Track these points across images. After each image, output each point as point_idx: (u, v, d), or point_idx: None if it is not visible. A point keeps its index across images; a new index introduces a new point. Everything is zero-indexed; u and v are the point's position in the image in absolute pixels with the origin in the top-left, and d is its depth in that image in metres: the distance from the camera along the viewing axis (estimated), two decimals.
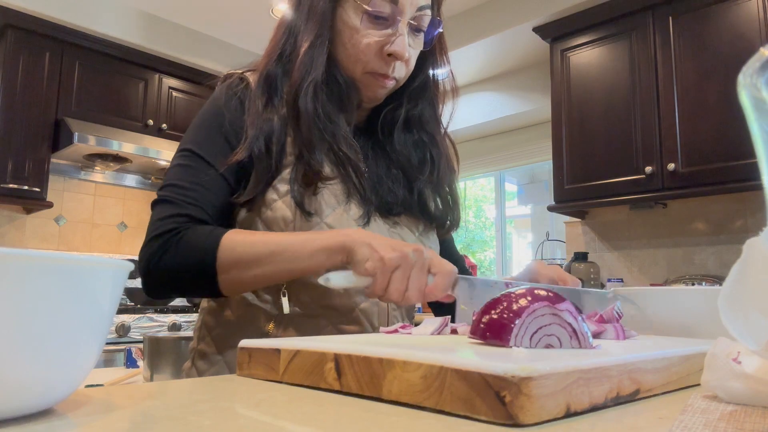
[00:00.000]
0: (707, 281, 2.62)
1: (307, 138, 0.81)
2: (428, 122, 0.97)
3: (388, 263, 0.66)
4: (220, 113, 0.84)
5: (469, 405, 0.34)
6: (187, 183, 0.79)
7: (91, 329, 0.35)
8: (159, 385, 0.48)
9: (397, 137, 0.94)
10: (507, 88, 3.67)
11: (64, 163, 3.32)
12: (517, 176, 4.02)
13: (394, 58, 0.85)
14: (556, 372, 0.34)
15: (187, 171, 0.80)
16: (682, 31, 2.53)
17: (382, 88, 0.88)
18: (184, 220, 0.76)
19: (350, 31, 0.85)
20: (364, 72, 0.86)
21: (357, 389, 0.42)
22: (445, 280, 0.68)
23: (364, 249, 0.68)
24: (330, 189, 0.82)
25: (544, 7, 2.96)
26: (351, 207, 0.83)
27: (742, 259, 0.37)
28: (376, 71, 0.86)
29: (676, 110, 2.50)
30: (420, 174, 0.93)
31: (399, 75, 0.88)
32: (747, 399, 0.37)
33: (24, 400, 0.32)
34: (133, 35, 3.38)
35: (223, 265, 0.73)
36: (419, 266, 0.68)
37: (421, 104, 0.96)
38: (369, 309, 0.83)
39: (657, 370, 0.43)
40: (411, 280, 0.67)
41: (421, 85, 0.96)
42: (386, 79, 0.87)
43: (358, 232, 0.71)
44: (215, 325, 0.87)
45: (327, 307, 0.81)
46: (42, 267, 0.31)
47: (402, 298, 0.67)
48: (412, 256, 0.67)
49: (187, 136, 0.84)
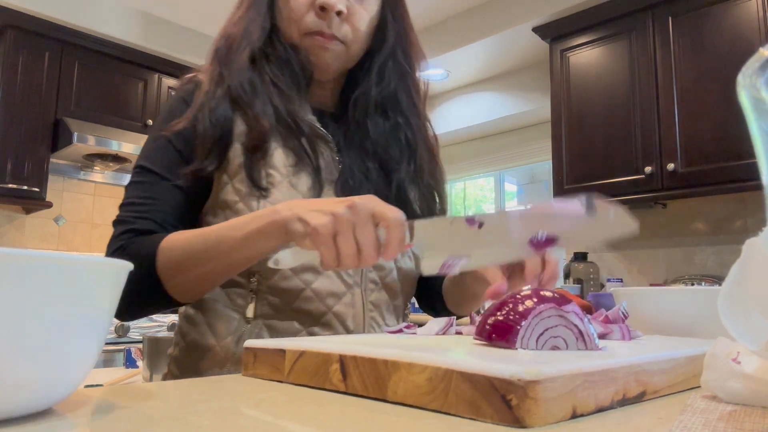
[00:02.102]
0: (707, 281, 2.62)
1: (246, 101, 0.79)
2: (403, 104, 0.90)
3: (324, 231, 0.59)
4: (166, 119, 0.82)
5: (474, 408, 0.34)
6: (138, 199, 0.78)
7: (91, 329, 0.35)
8: (159, 385, 0.48)
9: (371, 123, 0.88)
10: (507, 88, 3.67)
11: (64, 163, 3.32)
12: (517, 176, 4.02)
13: (327, 12, 0.81)
14: (563, 375, 0.34)
15: (138, 187, 0.79)
16: (682, 31, 2.53)
17: (324, 49, 0.83)
18: (130, 235, 0.75)
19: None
20: (301, 34, 0.83)
21: (362, 391, 0.41)
22: (395, 232, 0.59)
23: (296, 225, 0.61)
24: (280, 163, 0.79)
25: (544, 7, 2.96)
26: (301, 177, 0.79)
27: (741, 259, 0.37)
28: (311, 29, 0.82)
29: (675, 110, 2.50)
30: (397, 165, 0.87)
31: (341, 33, 0.83)
32: (746, 399, 0.37)
33: (24, 400, 0.32)
34: (132, 35, 3.37)
35: (164, 270, 0.71)
36: (361, 222, 0.59)
37: (393, 81, 0.89)
38: (343, 312, 0.79)
39: (663, 372, 0.43)
40: (358, 239, 0.59)
41: (389, 56, 0.89)
42: (325, 38, 0.82)
43: (285, 204, 0.65)
44: (189, 331, 0.83)
45: (299, 311, 0.78)
46: (42, 267, 0.31)
47: (358, 261, 0.60)
48: (346, 213, 0.59)
49: (141, 152, 0.83)
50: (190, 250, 0.70)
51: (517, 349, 0.44)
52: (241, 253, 0.68)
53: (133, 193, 0.79)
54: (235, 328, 0.78)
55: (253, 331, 0.78)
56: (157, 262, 0.70)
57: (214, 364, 0.78)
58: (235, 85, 0.81)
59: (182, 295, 0.74)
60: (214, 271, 0.71)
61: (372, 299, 0.83)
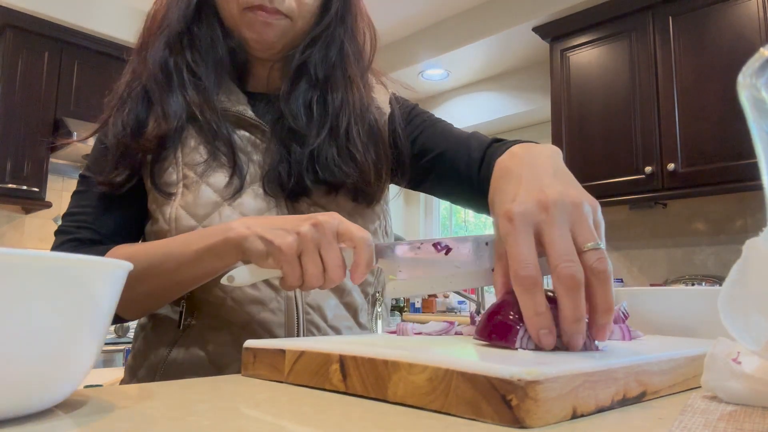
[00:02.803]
0: (707, 281, 2.62)
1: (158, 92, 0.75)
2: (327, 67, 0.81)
3: (288, 251, 0.56)
4: (105, 129, 0.79)
5: (474, 408, 0.34)
6: (78, 208, 0.76)
7: (91, 329, 0.35)
8: (158, 385, 0.48)
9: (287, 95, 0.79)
10: (507, 88, 3.67)
11: (63, 162, 3.32)
12: None
13: None
14: (563, 375, 0.34)
15: (77, 197, 0.77)
16: (682, 31, 2.53)
17: (267, 25, 0.75)
18: (71, 245, 0.72)
19: None
20: (240, 8, 0.75)
21: (362, 391, 0.41)
22: (363, 252, 0.57)
23: (256, 243, 0.58)
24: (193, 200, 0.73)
25: (543, 7, 2.96)
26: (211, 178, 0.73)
27: (742, 259, 0.37)
28: (251, 3, 0.74)
29: (675, 110, 2.51)
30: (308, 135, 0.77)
31: (286, 7, 0.75)
32: (747, 399, 0.37)
33: (23, 400, 0.32)
34: (132, 35, 3.37)
35: None
36: (326, 241, 0.57)
37: (317, 49, 0.81)
38: (269, 320, 0.73)
39: (663, 372, 0.43)
40: (324, 258, 0.57)
41: (321, 30, 0.81)
42: (266, 12, 0.75)
43: (239, 221, 0.62)
44: (137, 338, 0.82)
45: (226, 321, 0.73)
46: (41, 267, 0.31)
47: (323, 280, 0.58)
48: (311, 232, 0.57)
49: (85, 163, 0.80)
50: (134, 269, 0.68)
51: (517, 349, 0.44)
52: (189, 271, 0.64)
53: (74, 203, 0.77)
54: (171, 339, 0.76)
55: (185, 341, 0.75)
56: None
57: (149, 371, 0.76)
58: (147, 78, 0.76)
59: (126, 312, 0.70)
60: (161, 289, 0.67)
61: (309, 301, 0.76)
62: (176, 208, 0.72)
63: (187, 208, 0.72)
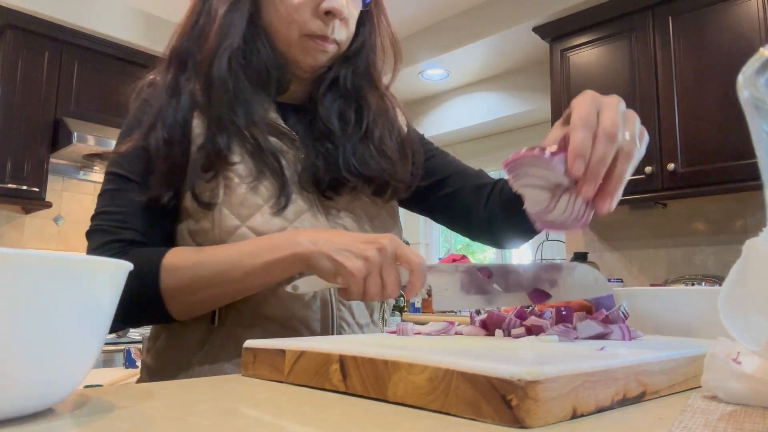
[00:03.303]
0: (707, 281, 2.62)
1: (217, 112, 0.76)
2: (356, 79, 0.87)
3: (359, 275, 0.63)
4: (131, 124, 0.80)
5: (474, 408, 0.34)
6: (114, 207, 0.75)
7: (91, 329, 0.35)
8: (159, 385, 0.48)
9: (321, 102, 0.85)
10: (507, 88, 3.67)
11: (63, 163, 3.32)
12: None
13: (332, 17, 0.79)
14: (563, 375, 0.34)
15: (111, 195, 0.76)
16: (682, 31, 2.53)
17: (323, 52, 0.81)
18: (119, 245, 0.73)
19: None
20: (301, 35, 0.79)
21: (362, 391, 0.41)
22: (418, 277, 0.65)
23: (324, 262, 0.64)
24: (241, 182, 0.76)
25: (544, 7, 2.96)
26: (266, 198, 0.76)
27: (741, 259, 0.37)
28: (314, 32, 0.79)
29: (675, 110, 2.51)
30: (343, 133, 0.84)
31: (340, 37, 0.81)
32: (747, 399, 0.37)
33: (23, 400, 0.32)
34: (132, 35, 3.37)
35: (169, 291, 0.69)
36: (387, 264, 0.64)
37: (351, 65, 0.87)
38: (307, 316, 0.77)
39: (663, 372, 0.43)
40: (384, 279, 0.65)
41: (356, 51, 0.87)
42: (326, 42, 0.80)
43: (304, 235, 0.67)
44: (157, 338, 0.82)
45: (265, 318, 0.76)
46: (41, 267, 0.31)
47: (380, 297, 0.65)
48: (377, 258, 0.64)
49: (110, 158, 0.79)
50: (198, 274, 0.69)
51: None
52: (255, 281, 0.69)
53: (108, 202, 0.76)
54: (200, 337, 0.76)
55: (217, 339, 0.76)
56: (161, 281, 0.69)
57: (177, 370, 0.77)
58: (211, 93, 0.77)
59: (183, 314, 0.73)
60: (222, 295, 0.71)
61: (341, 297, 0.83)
62: (220, 208, 0.74)
63: (231, 209, 0.75)
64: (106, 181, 0.79)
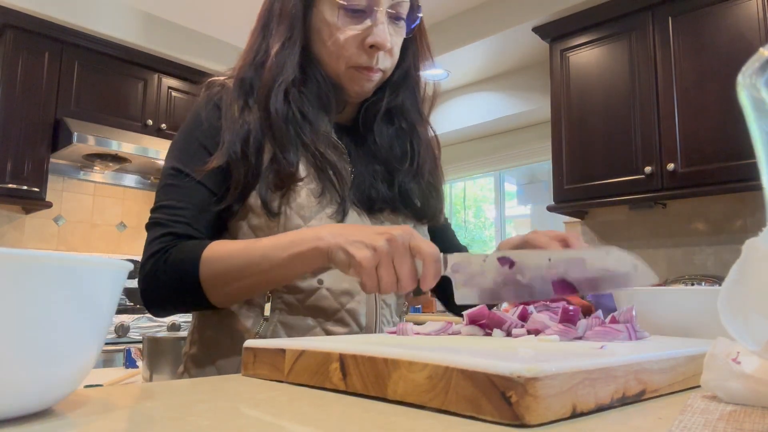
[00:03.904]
0: (707, 281, 2.62)
1: (279, 139, 0.81)
2: (409, 111, 0.96)
3: (367, 265, 0.65)
4: (199, 123, 0.84)
5: (474, 405, 0.34)
6: (175, 202, 0.80)
7: (91, 329, 0.35)
8: (158, 385, 0.48)
9: (377, 129, 0.93)
10: (507, 88, 3.67)
11: (64, 163, 3.32)
12: (517, 176, 4.02)
13: (376, 49, 0.84)
14: (563, 372, 0.34)
15: (171, 190, 0.81)
16: (682, 31, 2.53)
17: (369, 81, 0.88)
18: (170, 238, 0.78)
19: (328, 28, 0.85)
20: (348, 67, 0.86)
21: (362, 389, 0.42)
22: (432, 267, 0.65)
23: (340, 255, 0.67)
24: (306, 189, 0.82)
25: (543, 7, 2.96)
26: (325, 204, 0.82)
27: (741, 259, 0.37)
28: (360, 65, 0.85)
29: (675, 110, 2.51)
30: (400, 165, 0.92)
31: (384, 66, 0.88)
32: (746, 399, 0.37)
33: (23, 400, 0.32)
34: (132, 35, 3.37)
35: (207, 280, 0.74)
36: (399, 255, 0.65)
37: (402, 94, 0.95)
38: (356, 309, 0.82)
39: (663, 371, 0.43)
40: (398, 270, 0.66)
41: (403, 75, 0.94)
42: (371, 72, 0.86)
43: (327, 230, 0.70)
44: (205, 328, 0.86)
45: (313, 308, 0.81)
46: (41, 267, 0.31)
47: (396, 287, 0.67)
48: (386, 247, 0.65)
49: (171, 153, 0.85)
50: (232, 265, 0.73)
51: None
52: (281, 272, 0.72)
53: (168, 196, 0.81)
54: (251, 325, 0.81)
55: (269, 328, 0.80)
56: (200, 272, 0.74)
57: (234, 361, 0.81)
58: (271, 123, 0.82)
59: (221, 303, 0.78)
60: (255, 285, 0.75)
61: (384, 297, 0.88)
62: (285, 208, 0.81)
63: (296, 209, 0.81)
64: (167, 176, 0.83)
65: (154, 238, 0.78)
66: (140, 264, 0.78)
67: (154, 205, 0.82)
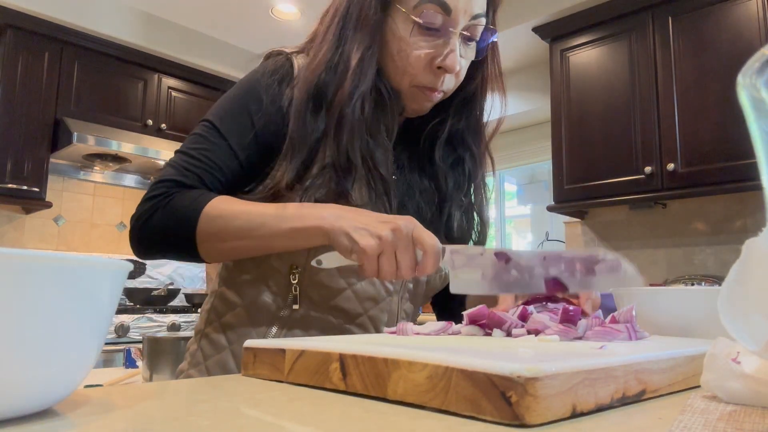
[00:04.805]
0: (707, 281, 2.62)
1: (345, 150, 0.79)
2: (471, 137, 0.95)
3: (371, 252, 0.65)
4: (255, 91, 0.81)
5: (474, 405, 0.34)
6: (196, 152, 0.78)
7: (91, 329, 0.35)
8: (158, 386, 0.48)
9: (438, 152, 0.91)
10: (507, 88, 3.66)
11: (64, 163, 3.32)
12: (517, 176, 4.02)
13: (443, 72, 0.82)
14: (563, 372, 0.34)
15: (199, 141, 0.79)
16: (682, 31, 2.53)
17: (429, 101, 0.86)
18: (173, 184, 0.76)
19: (399, 42, 0.81)
20: (411, 85, 0.83)
21: (362, 389, 0.41)
22: (432, 258, 0.66)
23: (343, 239, 0.67)
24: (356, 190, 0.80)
25: (543, 7, 2.96)
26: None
27: (741, 259, 0.37)
28: (424, 85, 0.83)
29: (675, 110, 2.51)
30: (454, 194, 0.92)
31: (447, 87, 0.85)
32: (746, 399, 0.37)
33: (23, 400, 0.32)
34: (132, 35, 3.37)
35: (203, 234, 0.73)
36: (403, 245, 0.66)
37: (466, 118, 0.93)
38: (377, 316, 0.83)
39: (663, 371, 0.43)
40: (399, 259, 0.66)
41: (469, 97, 0.92)
42: (434, 92, 0.84)
43: (329, 211, 0.69)
44: (225, 312, 0.85)
45: (335, 308, 0.80)
46: (41, 267, 0.31)
47: (395, 276, 0.67)
48: (390, 237, 0.65)
49: (214, 107, 0.82)
50: (231, 224, 0.72)
51: None
52: (279, 242, 0.72)
53: (193, 145, 0.79)
54: (271, 317, 0.81)
55: (288, 321, 0.80)
56: (198, 223, 0.73)
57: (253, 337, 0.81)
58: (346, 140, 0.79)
59: (211, 258, 0.77)
60: (251, 248, 0.74)
61: (405, 307, 0.88)
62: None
63: None
64: (199, 126, 0.81)
65: (163, 180, 0.76)
66: (140, 201, 0.77)
67: (178, 149, 0.80)
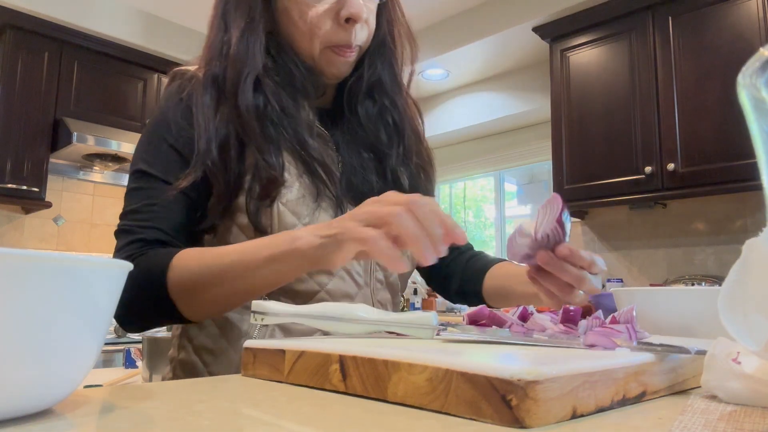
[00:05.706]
0: (707, 281, 2.62)
1: (255, 139, 0.74)
2: (389, 85, 0.89)
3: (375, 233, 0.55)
4: (164, 118, 0.78)
5: (474, 408, 0.34)
6: (140, 205, 0.73)
7: (90, 329, 0.35)
8: (159, 385, 0.48)
9: (361, 111, 0.87)
10: (506, 88, 3.67)
11: (63, 163, 3.31)
12: (517, 176, 4.02)
13: (353, 23, 0.78)
14: (563, 375, 0.34)
15: (139, 194, 0.74)
16: (682, 31, 2.53)
17: (347, 62, 0.82)
18: (138, 246, 0.71)
19: (297, 6, 0.78)
20: (324, 47, 0.80)
21: (362, 391, 0.41)
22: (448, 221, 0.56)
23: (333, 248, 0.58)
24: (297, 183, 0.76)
25: (543, 7, 2.96)
26: (320, 213, 0.76)
27: (741, 259, 0.37)
28: (337, 43, 0.79)
29: (675, 110, 2.51)
30: (389, 150, 0.87)
31: (361, 40, 0.82)
32: (746, 399, 0.37)
33: (23, 400, 0.32)
34: (132, 35, 3.37)
35: (175, 290, 0.67)
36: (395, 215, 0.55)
37: (380, 66, 0.88)
38: (336, 289, 0.77)
39: (663, 372, 0.43)
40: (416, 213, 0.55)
41: (379, 44, 0.88)
42: (349, 50, 0.80)
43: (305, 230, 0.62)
44: (196, 335, 0.80)
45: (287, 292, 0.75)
46: (41, 267, 0.31)
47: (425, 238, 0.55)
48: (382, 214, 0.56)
49: (137, 155, 0.78)
50: (201, 272, 0.66)
51: None
52: (257, 279, 0.64)
53: (135, 200, 0.74)
54: (245, 331, 0.76)
55: (266, 332, 0.76)
56: (167, 280, 0.66)
57: (230, 367, 0.76)
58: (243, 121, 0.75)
59: (195, 315, 0.70)
60: (231, 293, 0.67)
61: (379, 298, 0.84)
62: (278, 205, 0.74)
63: (288, 206, 0.75)
64: (132, 179, 0.77)
65: (121, 247, 0.71)
66: None
67: (121, 212, 0.75)
